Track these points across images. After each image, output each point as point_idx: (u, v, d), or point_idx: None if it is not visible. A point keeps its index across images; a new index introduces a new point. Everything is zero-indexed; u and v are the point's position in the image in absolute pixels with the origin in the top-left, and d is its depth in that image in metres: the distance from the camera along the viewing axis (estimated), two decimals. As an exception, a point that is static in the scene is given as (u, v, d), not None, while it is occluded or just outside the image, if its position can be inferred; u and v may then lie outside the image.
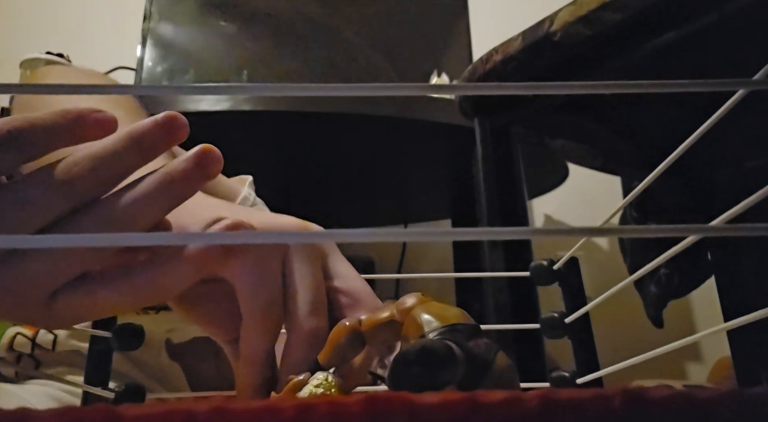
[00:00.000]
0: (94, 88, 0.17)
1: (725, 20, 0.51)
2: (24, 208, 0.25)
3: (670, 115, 0.68)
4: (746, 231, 0.15)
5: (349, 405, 0.14)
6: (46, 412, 0.13)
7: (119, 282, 0.28)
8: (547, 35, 0.59)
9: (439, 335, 0.24)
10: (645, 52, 0.57)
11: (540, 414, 0.13)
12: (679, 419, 0.14)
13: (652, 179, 0.29)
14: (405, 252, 1.54)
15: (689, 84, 0.16)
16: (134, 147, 0.27)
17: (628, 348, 0.40)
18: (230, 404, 0.14)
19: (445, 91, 0.17)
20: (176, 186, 0.27)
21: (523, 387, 0.28)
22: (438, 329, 0.25)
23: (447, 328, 0.25)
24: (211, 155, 0.27)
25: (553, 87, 0.16)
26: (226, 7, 1.27)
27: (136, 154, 0.27)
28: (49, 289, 0.27)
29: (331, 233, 0.16)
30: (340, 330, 0.29)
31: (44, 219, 0.26)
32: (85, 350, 0.35)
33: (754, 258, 0.74)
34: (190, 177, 0.27)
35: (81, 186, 0.26)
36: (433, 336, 0.25)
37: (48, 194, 0.26)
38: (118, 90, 0.18)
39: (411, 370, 0.21)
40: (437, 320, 0.25)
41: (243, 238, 0.24)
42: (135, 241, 0.24)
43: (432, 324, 0.25)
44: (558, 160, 1.16)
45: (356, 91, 0.16)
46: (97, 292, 0.27)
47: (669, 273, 0.89)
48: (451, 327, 0.25)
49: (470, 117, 0.74)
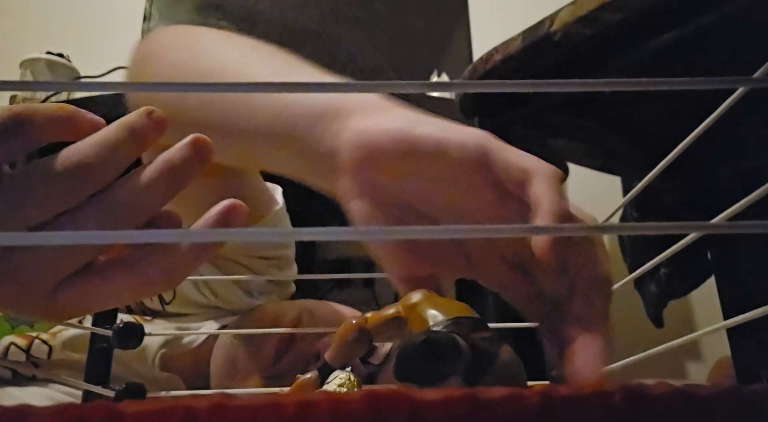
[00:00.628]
0: (93, 87, 0.17)
1: (725, 20, 0.51)
2: (27, 200, 0.26)
3: (669, 114, 0.68)
4: (746, 229, 0.15)
5: (350, 402, 0.14)
6: (47, 409, 0.13)
7: (124, 270, 0.28)
8: (547, 35, 0.59)
9: (444, 328, 0.25)
10: (645, 52, 0.57)
11: (541, 411, 0.13)
12: (679, 416, 0.14)
13: (652, 178, 0.29)
14: (405, 252, 1.54)
15: (689, 82, 0.16)
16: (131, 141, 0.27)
17: (628, 347, 0.40)
18: (230, 401, 0.14)
19: (445, 89, 0.17)
20: (177, 172, 0.27)
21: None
22: (442, 322, 0.25)
23: (451, 321, 0.25)
24: (205, 142, 0.28)
25: (553, 85, 0.16)
26: (225, 8, 1.27)
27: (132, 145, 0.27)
28: (54, 280, 0.27)
29: (331, 231, 0.16)
30: (346, 328, 0.30)
31: (47, 211, 0.26)
32: (80, 361, 0.35)
33: (754, 258, 0.74)
34: (189, 163, 0.27)
35: (84, 177, 0.26)
36: (437, 329, 0.25)
37: (51, 185, 0.26)
38: (118, 89, 0.18)
39: (415, 361, 0.21)
40: (442, 314, 0.26)
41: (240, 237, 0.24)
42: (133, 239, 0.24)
43: (437, 318, 0.25)
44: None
45: (356, 89, 0.16)
46: (102, 282, 0.27)
47: (669, 272, 0.89)
48: (455, 320, 0.25)
49: (470, 117, 0.74)
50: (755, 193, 0.20)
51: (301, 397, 0.14)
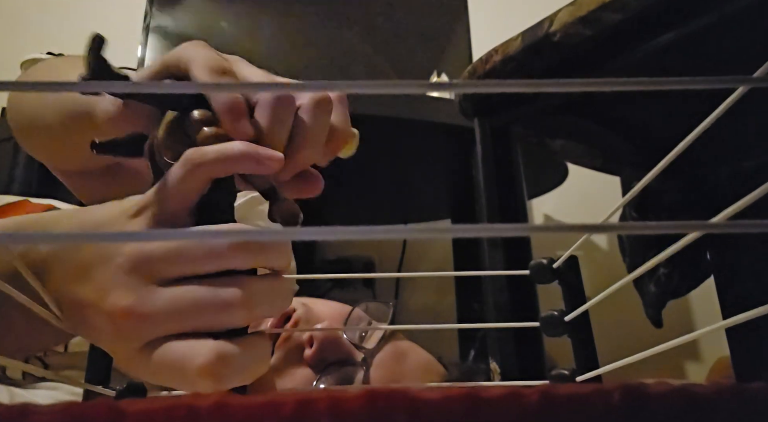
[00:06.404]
0: (92, 86, 0.17)
1: (725, 20, 0.51)
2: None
3: (669, 114, 0.68)
4: (746, 229, 0.15)
5: (349, 400, 0.14)
6: (49, 407, 0.13)
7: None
8: (547, 35, 0.59)
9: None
10: (645, 53, 0.57)
11: (541, 410, 0.13)
12: (678, 414, 0.14)
13: (651, 178, 0.29)
14: (405, 252, 1.54)
15: (689, 81, 0.16)
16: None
17: (628, 346, 0.40)
18: (231, 399, 0.14)
19: (445, 89, 0.17)
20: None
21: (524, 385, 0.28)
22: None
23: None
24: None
25: (553, 85, 0.16)
26: (226, 7, 1.27)
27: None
28: (151, 335, 0.28)
29: (331, 230, 0.16)
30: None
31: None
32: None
33: (753, 258, 0.74)
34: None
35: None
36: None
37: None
38: (118, 89, 0.18)
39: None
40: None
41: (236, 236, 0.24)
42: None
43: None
44: (558, 160, 1.16)
45: (356, 89, 0.16)
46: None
47: (668, 272, 0.89)
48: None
49: (470, 117, 0.74)
50: (755, 193, 0.20)
51: (299, 396, 0.14)
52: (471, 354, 1.09)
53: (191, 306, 0.27)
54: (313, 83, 0.16)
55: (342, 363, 0.62)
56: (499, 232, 0.15)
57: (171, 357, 0.27)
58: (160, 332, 0.28)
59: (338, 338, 0.64)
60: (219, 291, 0.27)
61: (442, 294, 1.49)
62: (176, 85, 0.24)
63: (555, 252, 0.40)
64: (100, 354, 0.34)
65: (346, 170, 1.18)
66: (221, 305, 0.27)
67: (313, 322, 0.65)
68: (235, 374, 0.27)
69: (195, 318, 0.27)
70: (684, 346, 0.88)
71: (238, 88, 0.33)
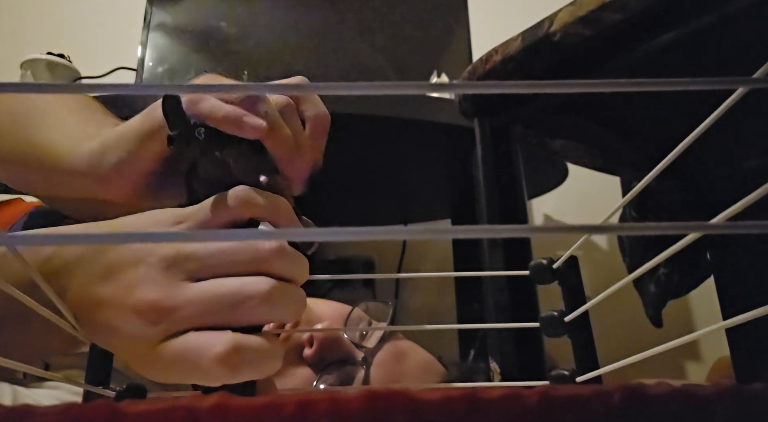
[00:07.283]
0: (92, 88, 0.17)
1: (725, 20, 0.51)
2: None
3: (669, 115, 0.68)
4: (746, 229, 0.15)
5: (349, 401, 0.14)
6: (48, 409, 0.13)
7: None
8: (547, 36, 0.59)
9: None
10: (645, 53, 0.57)
11: (540, 410, 0.13)
12: (678, 415, 0.14)
13: (651, 178, 0.29)
14: (405, 252, 1.54)
15: (689, 82, 0.16)
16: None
17: (628, 347, 0.40)
18: (231, 401, 0.14)
19: (445, 90, 0.17)
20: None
21: (524, 385, 0.28)
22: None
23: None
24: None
25: (553, 85, 0.16)
26: (226, 8, 1.27)
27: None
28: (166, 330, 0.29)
29: (331, 231, 0.16)
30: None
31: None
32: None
33: (753, 258, 0.74)
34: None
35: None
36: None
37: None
38: (118, 89, 0.18)
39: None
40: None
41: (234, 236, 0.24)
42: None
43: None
44: (558, 160, 1.16)
45: (356, 90, 0.16)
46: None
47: (668, 272, 0.89)
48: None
49: (470, 117, 0.74)
50: (755, 193, 0.20)
51: (300, 397, 0.14)
52: (471, 354, 1.09)
53: (218, 298, 0.28)
54: (312, 85, 0.16)
55: (342, 363, 0.63)
56: (499, 233, 0.15)
57: (188, 346, 0.28)
58: (183, 325, 0.29)
59: (338, 337, 0.64)
60: (245, 286, 0.29)
61: (442, 294, 1.49)
62: (166, 87, 0.24)
63: (555, 253, 0.40)
64: (100, 355, 0.34)
65: (346, 170, 1.18)
66: (245, 298, 0.28)
67: (314, 322, 0.65)
68: (250, 366, 0.28)
69: (218, 311, 0.28)
70: (684, 346, 0.88)
71: (238, 88, 0.33)
